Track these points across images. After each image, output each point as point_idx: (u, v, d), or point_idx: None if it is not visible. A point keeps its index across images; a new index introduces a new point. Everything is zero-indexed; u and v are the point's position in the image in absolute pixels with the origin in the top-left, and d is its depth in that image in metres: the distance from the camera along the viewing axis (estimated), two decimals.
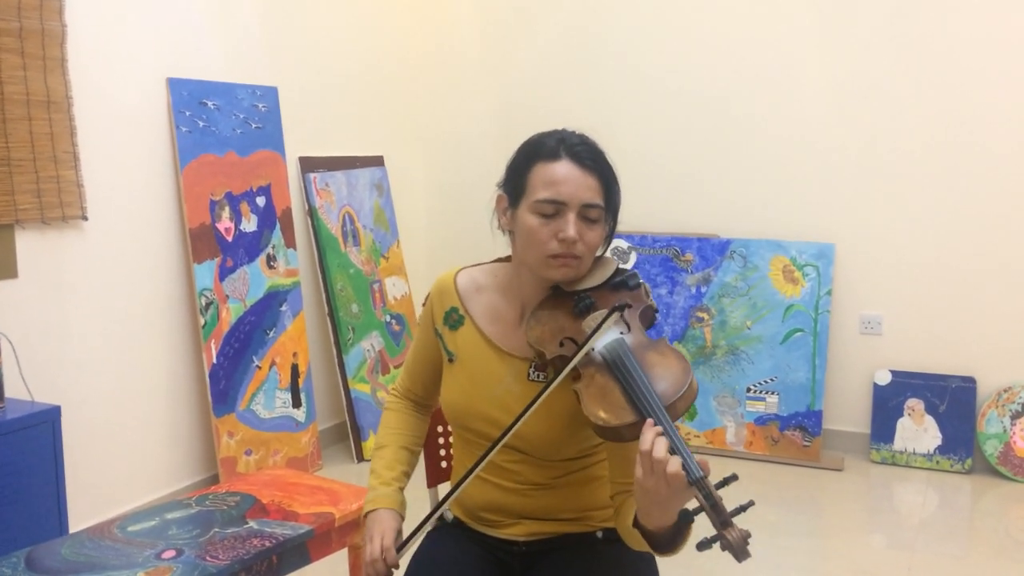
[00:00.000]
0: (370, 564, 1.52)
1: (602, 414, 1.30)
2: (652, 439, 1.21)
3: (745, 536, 1.18)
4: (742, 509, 1.20)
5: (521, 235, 1.48)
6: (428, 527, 1.51)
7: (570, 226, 1.42)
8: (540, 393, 1.39)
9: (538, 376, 1.51)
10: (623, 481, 1.43)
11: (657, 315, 1.50)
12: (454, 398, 1.57)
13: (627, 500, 1.41)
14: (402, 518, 1.60)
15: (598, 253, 1.53)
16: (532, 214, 1.45)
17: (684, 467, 1.19)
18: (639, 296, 1.48)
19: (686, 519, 1.22)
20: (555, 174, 1.44)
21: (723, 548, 1.18)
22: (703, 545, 1.19)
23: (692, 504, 1.23)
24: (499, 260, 1.64)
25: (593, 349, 1.39)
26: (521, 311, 1.55)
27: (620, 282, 1.49)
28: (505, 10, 4.55)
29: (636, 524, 1.31)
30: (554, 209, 1.44)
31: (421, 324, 1.68)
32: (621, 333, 1.41)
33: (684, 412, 1.31)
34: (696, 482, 1.19)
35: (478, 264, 1.66)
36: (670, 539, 1.29)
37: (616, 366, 1.35)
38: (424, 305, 1.68)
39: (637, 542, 1.35)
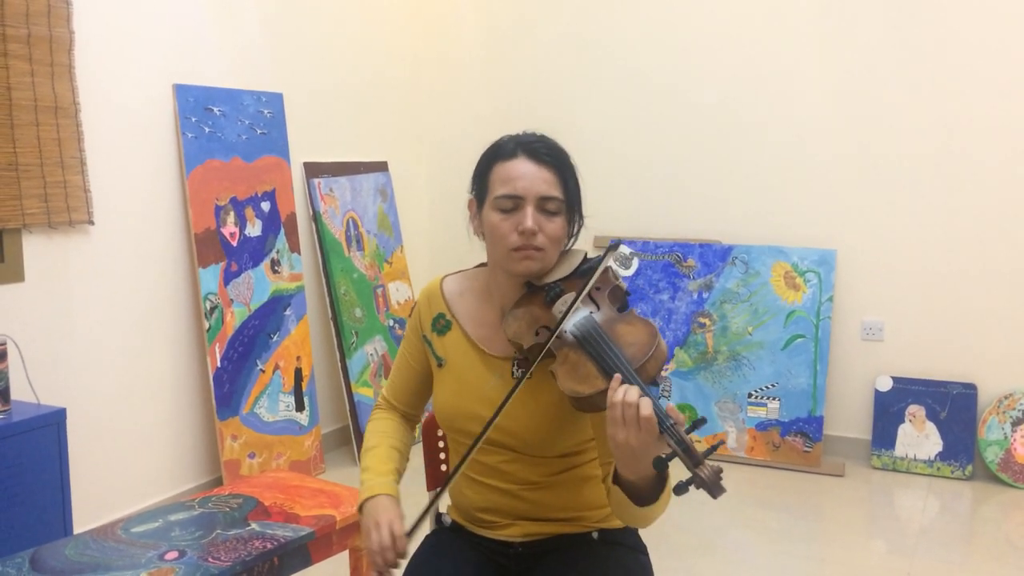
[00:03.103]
0: (379, 552, 1.47)
1: (575, 386, 1.36)
2: (623, 391, 1.27)
3: (717, 471, 1.23)
4: (713, 449, 1.25)
5: (487, 233, 1.55)
6: (431, 512, 1.51)
7: (528, 218, 1.48)
8: (520, 380, 1.44)
9: (520, 373, 1.55)
10: (612, 462, 1.46)
11: (628, 295, 1.55)
12: (445, 401, 1.61)
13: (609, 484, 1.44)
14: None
15: (568, 246, 1.59)
16: (493, 211, 1.52)
17: (655, 415, 1.25)
18: (607, 279, 1.53)
19: (660, 465, 1.26)
20: (512, 171, 1.51)
21: (698, 486, 1.23)
22: (680, 488, 1.23)
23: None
24: (482, 265, 1.69)
25: (565, 330, 1.44)
26: (501, 312, 1.59)
27: (588, 269, 1.54)
28: (507, 17, 4.57)
29: (616, 480, 1.36)
30: (512, 204, 1.50)
31: (408, 334, 1.71)
32: (591, 312, 1.47)
33: (655, 373, 1.36)
34: (667, 429, 1.25)
35: (462, 270, 1.71)
36: (651, 491, 1.34)
37: (586, 340, 1.41)
38: (410, 316, 1.71)
39: (624, 507, 1.37)
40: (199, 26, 3.46)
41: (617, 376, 1.31)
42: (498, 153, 1.56)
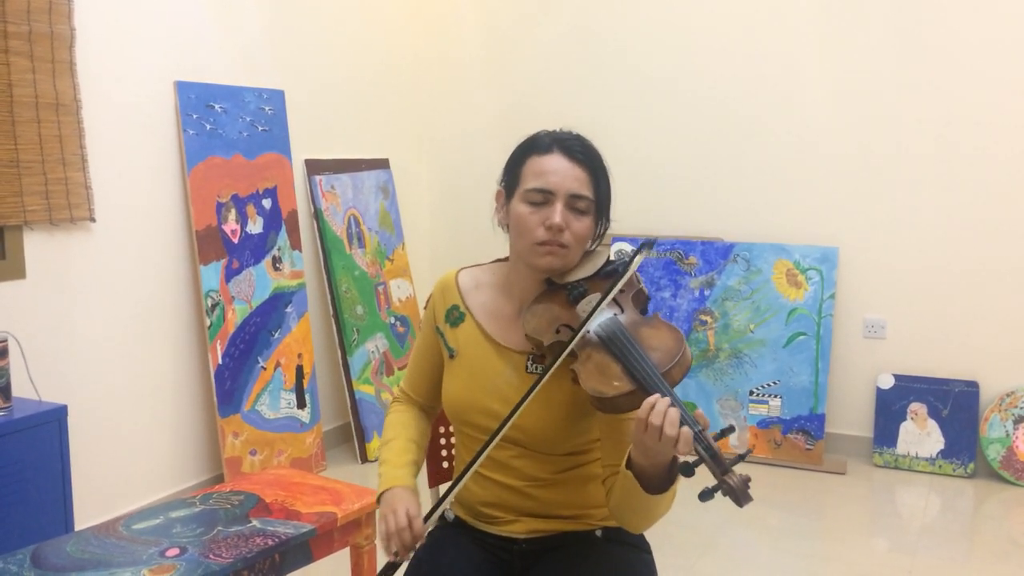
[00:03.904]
0: (396, 534, 1.46)
1: (600, 387, 1.35)
2: (663, 412, 1.25)
3: (745, 480, 1.22)
4: (740, 458, 1.25)
5: (513, 225, 1.55)
6: (447, 502, 1.51)
7: (556, 214, 1.48)
8: (542, 376, 1.43)
9: (536, 368, 1.55)
10: (614, 463, 1.46)
11: (650, 300, 1.55)
12: (455, 393, 1.60)
13: (619, 474, 1.44)
14: (418, 497, 1.58)
15: (591, 247, 1.58)
16: (522, 203, 1.52)
17: (685, 423, 1.24)
18: (631, 282, 1.53)
19: (688, 472, 1.26)
20: (545, 165, 1.51)
21: (724, 494, 1.22)
22: (705, 495, 1.23)
23: (692, 458, 1.27)
24: (499, 260, 1.68)
25: (588, 331, 1.43)
26: (519, 307, 1.59)
27: (612, 271, 1.54)
28: (508, 14, 4.57)
29: (629, 465, 1.35)
30: (542, 198, 1.50)
31: (423, 326, 1.71)
32: (615, 313, 1.47)
33: (680, 379, 1.36)
34: (696, 436, 1.24)
35: (478, 264, 1.70)
36: (662, 480, 1.33)
37: (612, 342, 1.40)
38: (426, 307, 1.71)
39: (631, 497, 1.36)
40: (200, 23, 3.46)
41: (655, 396, 1.28)
42: (533, 146, 1.55)
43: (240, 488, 2.18)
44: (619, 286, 1.46)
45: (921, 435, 3.82)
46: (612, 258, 1.59)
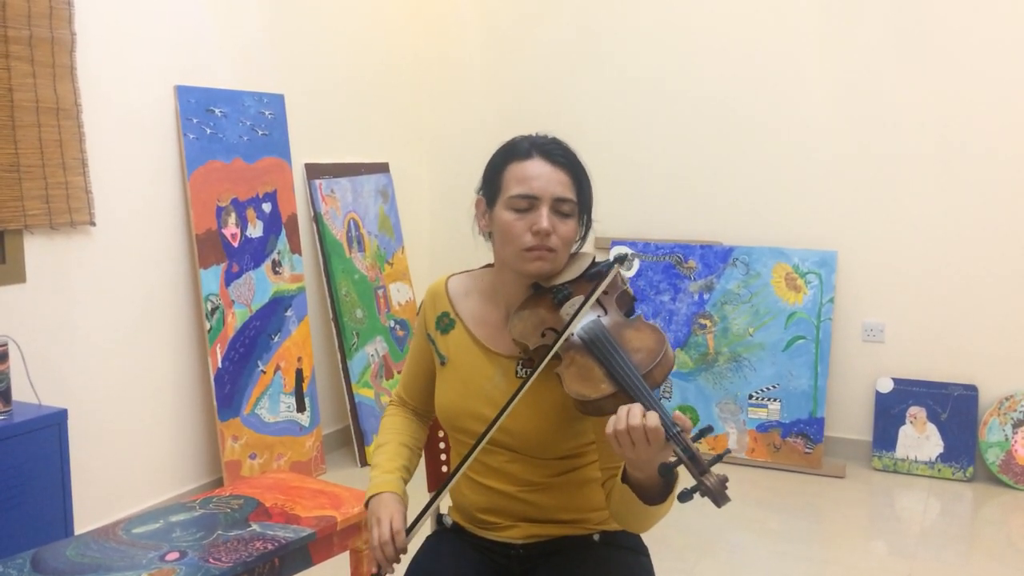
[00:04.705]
0: (379, 547, 1.51)
1: (582, 390, 1.36)
2: (625, 412, 1.26)
3: (723, 480, 1.22)
4: (719, 458, 1.25)
5: (498, 232, 1.55)
6: (433, 510, 1.51)
7: (543, 219, 1.49)
8: (528, 379, 1.44)
9: (525, 372, 1.55)
10: (613, 466, 1.47)
11: (635, 301, 1.56)
12: (447, 399, 1.61)
13: (617, 483, 1.45)
14: (405, 504, 1.60)
15: (574, 249, 1.59)
16: (507, 210, 1.52)
17: (661, 423, 1.25)
18: (616, 284, 1.54)
19: (667, 472, 1.26)
20: (528, 171, 1.52)
21: (703, 495, 1.23)
22: (684, 496, 1.23)
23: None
24: (488, 266, 1.69)
25: (572, 334, 1.44)
26: (506, 312, 1.60)
27: (596, 272, 1.55)
28: (508, 17, 4.58)
29: (625, 479, 1.36)
30: (528, 204, 1.50)
31: (415, 333, 1.72)
32: (598, 316, 1.47)
33: (662, 380, 1.36)
34: (673, 437, 1.25)
35: (467, 271, 1.71)
36: (659, 490, 1.34)
37: (594, 344, 1.41)
38: (418, 314, 1.72)
39: (630, 506, 1.37)
40: (200, 27, 3.47)
41: (626, 406, 1.29)
42: (513, 153, 1.55)
43: (240, 492, 2.18)
44: (596, 294, 1.47)
45: (920, 439, 3.83)
46: (598, 260, 1.59)
